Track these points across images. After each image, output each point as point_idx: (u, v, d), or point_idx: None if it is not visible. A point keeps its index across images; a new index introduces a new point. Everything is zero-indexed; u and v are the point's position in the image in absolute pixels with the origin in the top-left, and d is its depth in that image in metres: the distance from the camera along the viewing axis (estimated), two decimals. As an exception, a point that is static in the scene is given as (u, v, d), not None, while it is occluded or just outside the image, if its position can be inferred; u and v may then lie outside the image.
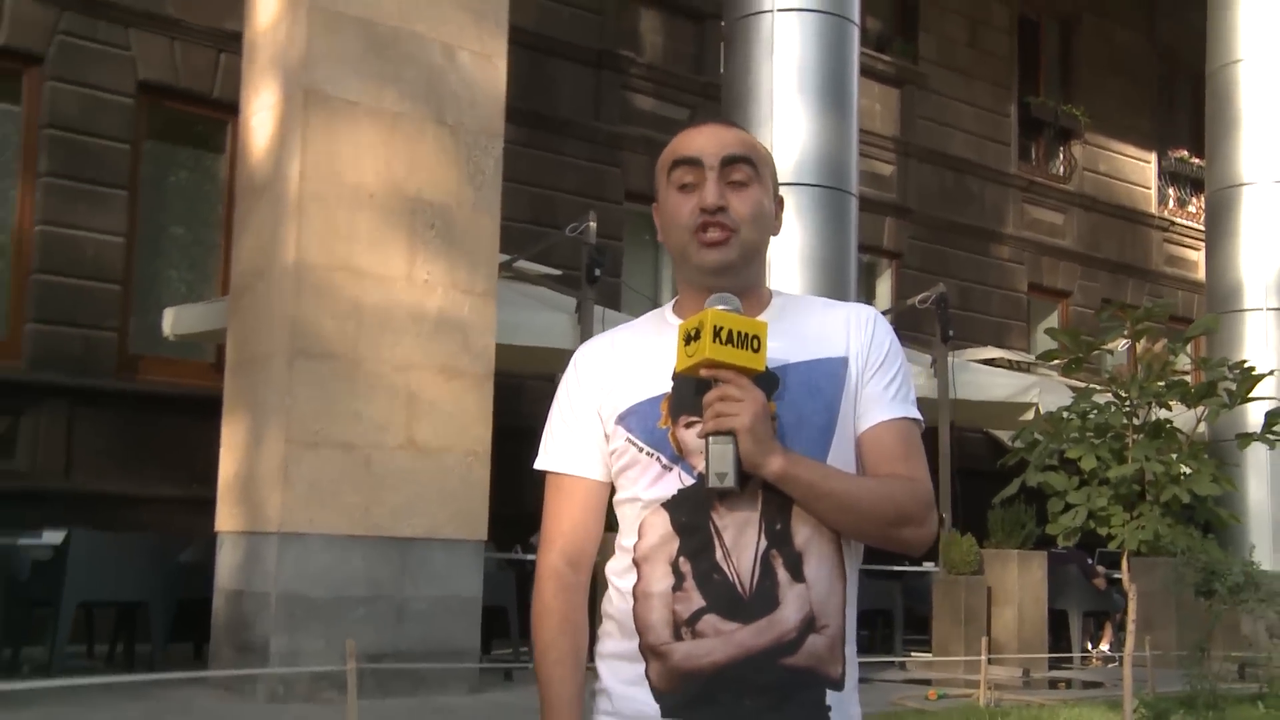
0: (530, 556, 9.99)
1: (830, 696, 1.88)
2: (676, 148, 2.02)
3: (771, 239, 2.06)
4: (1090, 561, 13.13)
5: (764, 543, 1.86)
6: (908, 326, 15.45)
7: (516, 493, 7.95)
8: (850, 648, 1.92)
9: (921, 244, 17.35)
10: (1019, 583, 11.41)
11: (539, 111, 13.51)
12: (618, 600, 1.94)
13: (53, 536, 9.11)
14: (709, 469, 1.82)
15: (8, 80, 11.10)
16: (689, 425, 1.88)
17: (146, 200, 11.74)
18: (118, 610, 9.34)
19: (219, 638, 8.09)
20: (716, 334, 1.80)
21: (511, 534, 10.24)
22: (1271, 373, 5.97)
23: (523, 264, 11.04)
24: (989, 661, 9.06)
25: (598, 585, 2.02)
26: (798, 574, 1.86)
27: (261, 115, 8.38)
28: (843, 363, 1.95)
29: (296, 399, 7.74)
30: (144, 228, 11.67)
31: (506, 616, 9.59)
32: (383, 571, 7.92)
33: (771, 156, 2.08)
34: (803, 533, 1.87)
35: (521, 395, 10.65)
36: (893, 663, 11.17)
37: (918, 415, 1.99)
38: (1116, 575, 13.15)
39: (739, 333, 1.81)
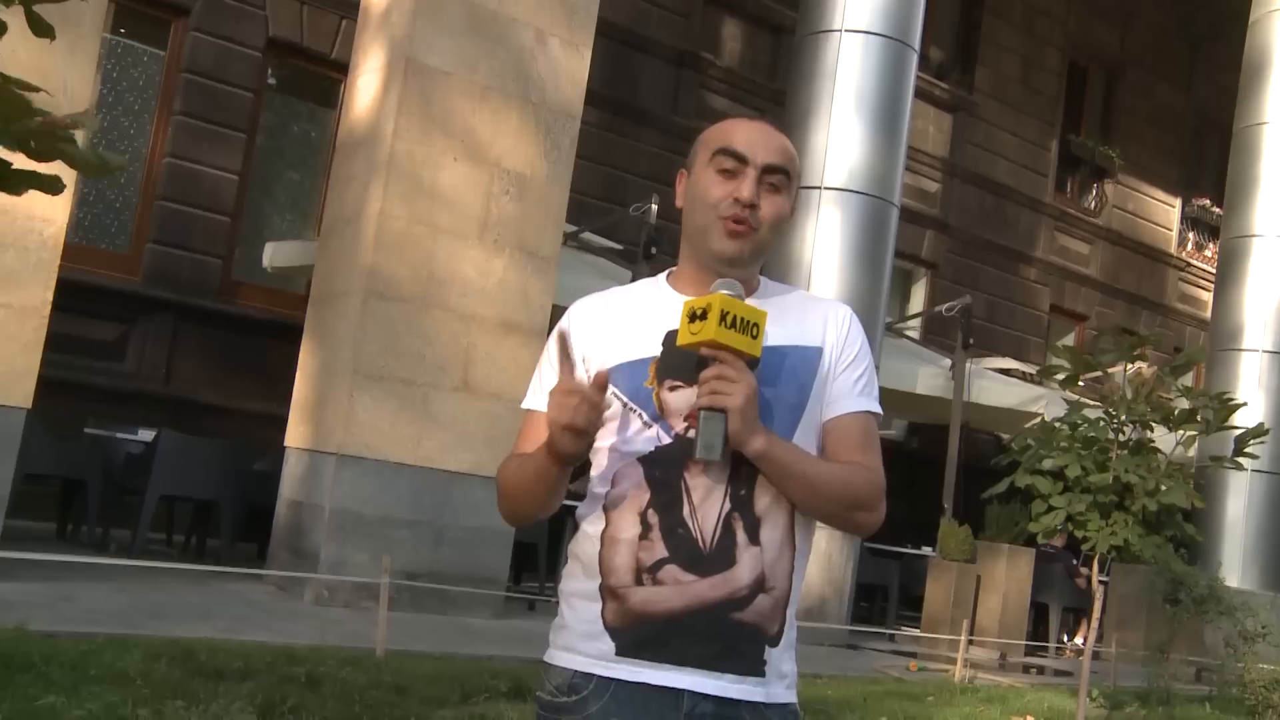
0: (564, 501, 9.92)
1: (768, 652, 1.85)
2: (728, 136, 1.94)
3: (809, 232, 1.99)
4: (1075, 562, 12.90)
5: (728, 505, 1.83)
6: (934, 331, 15.28)
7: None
8: (791, 610, 1.89)
9: (956, 257, 17.11)
10: (1007, 574, 11.23)
11: (622, 99, 13.40)
12: (585, 543, 1.89)
13: (146, 434, 9.31)
14: (699, 440, 1.78)
15: (157, 28, 11.19)
16: (673, 389, 1.85)
17: (263, 144, 11.80)
18: (195, 506, 9.43)
19: (277, 541, 8.10)
20: (723, 318, 1.77)
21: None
22: (1245, 404, 5.78)
23: (588, 235, 10.95)
24: (970, 642, 8.94)
25: (565, 527, 1.93)
26: (754, 537, 1.83)
27: (367, 78, 8.31)
28: (818, 353, 1.93)
29: (366, 335, 7.70)
30: (257, 168, 11.71)
31: (536, 553, 9.52)
32: (427, 499, 7.87)
33: (799, 168, 2.02)
34: (763, 501, 1.85)
35: (572, 354, 10.60)
36: (883, 634, 11.02)
37: (879, 410, 1.98)
38: (1103, 578, 13.07)
39: (742, 319, 1.78)
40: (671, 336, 1.86)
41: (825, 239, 9.82)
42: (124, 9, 10.66)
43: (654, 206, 10.31)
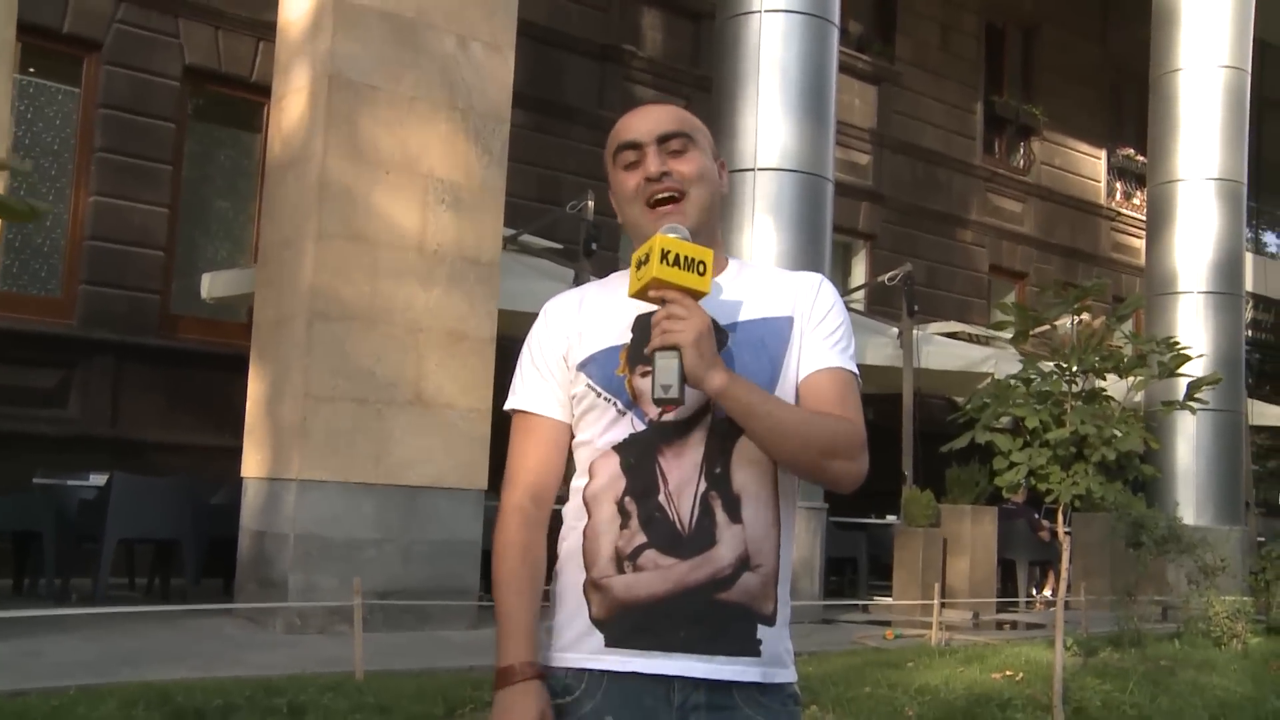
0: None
1: (761, 631, 1.82)
2: (617, 134, 1.98)
3: (749, 214, 1.98)
4: (1037, 516, 13.07)
5: (704, 484, 1.81)
6: (878, 301, 15.39)
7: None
8: (783, 588, 1.86)
9: (893, 227, 17.23)
10: (971, 535, 11.36)
11: (547, 99, 13.37)
12: (570, 537, 1.88)
13: (98, 478, 9.13)
14: (655, 381, 1.75)
15: (70, 65, 11.00)
16: (645, 374, 1.81)
17: (189, 175, 11.64)
18: (155, 547, 9.29)
19: (243, 574, 8.01)
20: (664, 256, 1.75)
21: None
22: (1200, 355, 5.87)
23: (527, 238, 10.92)
24: (942, 605, 9.02)
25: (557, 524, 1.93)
26: (735, 515, 1.81)
27: (291, 98, 8.23)
28: (788, 322, 1.90)
29: (314, 357, 7.63)
30: (186, 200, 11.56)
31: (505, 558, 9.49)
32: (391, 516, 7.82)
33: (705, 127, 2.01)
34: (740, 477, 1.82)
35: (517, 358, 10.57)
36: (856, 605, 11.11)
37: (855, 369, 1.93)
38: (1066, 530, 13.24)
39: (685, 256, 1.76)
40: (641, 321, 1.85)
41: (762, 220, 9.86)
42: (32, 47, 10.46)
43: (590, 203, 10.29)
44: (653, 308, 1.80)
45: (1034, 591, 13.40)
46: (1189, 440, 13.58)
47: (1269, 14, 15.98)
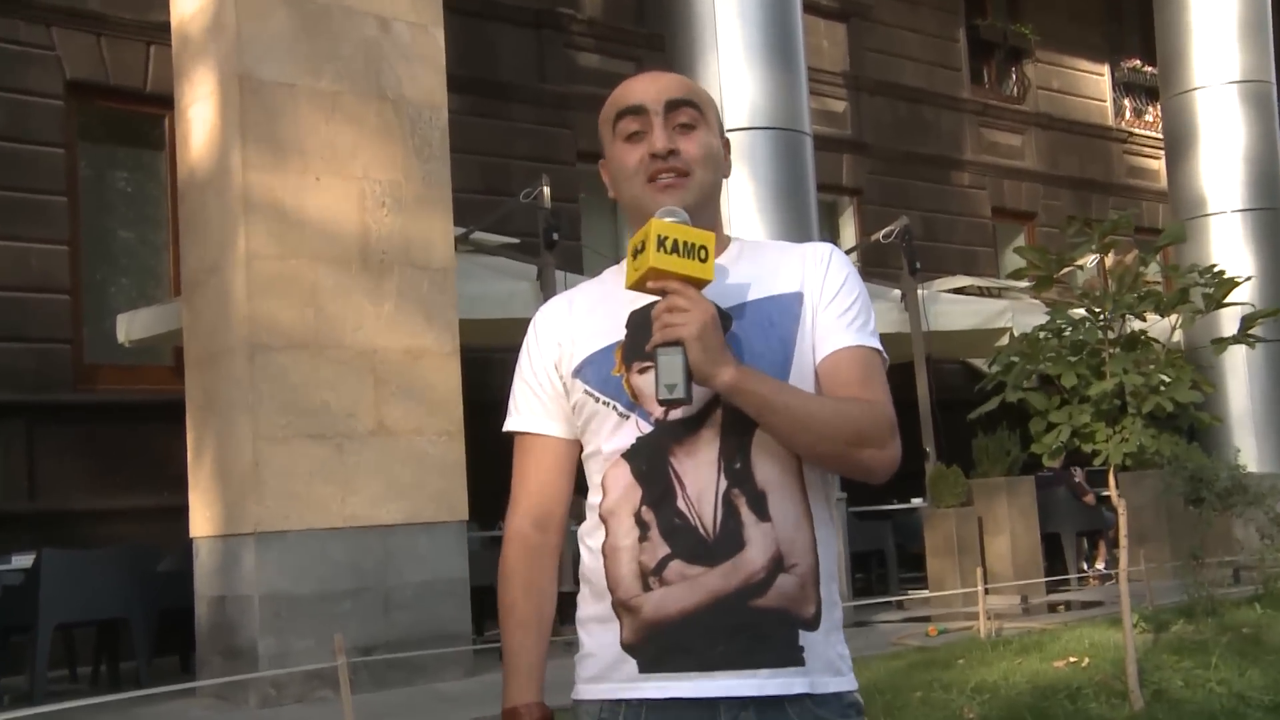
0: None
1: (804, 637, 1.83)
2: (618, 98, 2.01)
3: (724, 182, 2.04)
4: (1077, 480, 13.19)
5: (724, 483, 1.83)
6: (874, 262, 15.45)
7: (494, 469, 7.84)
8: (826, 587, 1.88)
9: (881, 178, 17.31)
10: (1009, 510, 11.42)
11: (482, 78, 13.38)
12: (589, 560, 1.91)
13: (22, 560, 8.94)
14: (658, 380, 1.77)
15: (-71, 94, 10.89)
16: (643, 370, 1.85)
17: (87, 205, 11.57)
18: (98, 628, 9.19)
19: (205, 646, 8.03)
20: (661, 243, 1.77)
21: (493, 511, 10.12)
22: (1249, 279, 5.96)
23: (480, 235, 10.93)
24: (986, 592, 9.09)
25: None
26: (762, 513, 1.83)
27: (198, 107, 8.25)
28: (797, 298, 1.93)
29: (261, 394, 7.66)
30: (87, 233, 11.50)
31: (495, 596, 9.51)
32: (366, 562, 7.87)
33: (714, 99, 2.07)
34: (763, 470, 1.85)
35: (490, 369, 10.54)
36: (890, 603, 11.19)
37: (878, 346, 1.96)
38: (1105, 492, 13.32)
39: (685, 242, 1.78)
40: (635, 317, 1.90)
41: (739, 185, 9.88)
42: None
43: (545, 189, 10.28)
44: (650, 299, 1.83)
45: (1084, 566, 13.53)
46: (1240, 379, 13.59)
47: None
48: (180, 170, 8.69)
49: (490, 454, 7.66)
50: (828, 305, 1.93)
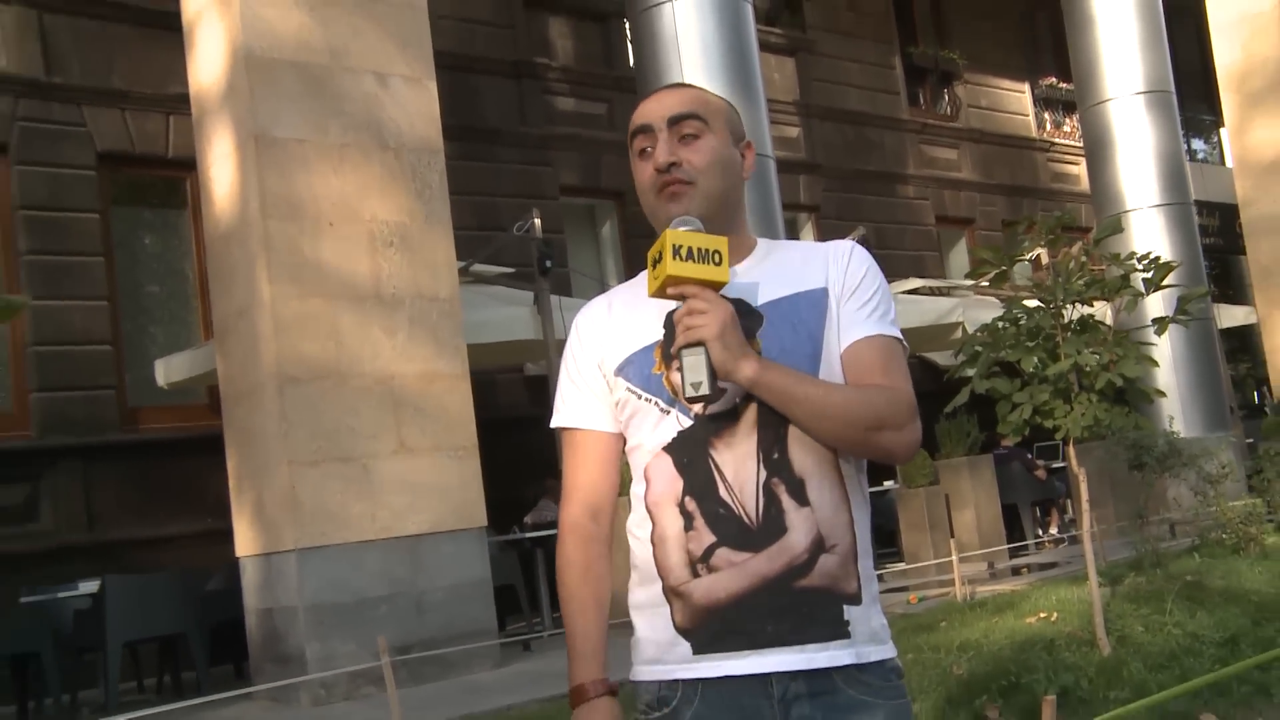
0: (529, 535, 9.87)
1: (848, 611, 1.78)
2: (633, 119, 1.95)
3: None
4: (1030, 456, 13.17)
5: (764, 473, 1.78)
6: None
7: (506, 479, 7.83)
8: (864, 563, 1.83)
9: (834, 194, 17.30)
10: (972, 486, 11.42)
11: (470, 125, 13.29)
12: (638, 549, 1.86)
13: (88, 586, 8.94)
14: (684, 380, 1.73)
15: (-23, 172, 10.81)
16: (678, 370, 1.79)
17: (121, 263, 11.47)
18: (159, 644, 9.17)
19: (257, 654, 7.91)
20: (676, 252, 1.72)
21: (507, 517, 10.10)
22: (1180, 264, 5.94)
23: (478, 267, 10.84)
24: (959, 560, 9.03)
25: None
26: (801, 498, 1.77)
27: (218, 166, 8.15)
28: (823, 293, 1.86)
29: (291, 423, 7.54)
30: (123, 289, 11.40)
31: (516, 593, 9.45)
32: (397, 570, 7.75)
33: (726, 108, 1.98)
34: (800, 458, 1.79)
35: (494, 389, 10.49)
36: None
37: (898, 334, 1.89)
38: (1055, 465, 13.32)
39: (699, 249, 1.73)
40: (671, 317, 1.83)
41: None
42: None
43: (536, 221, 10.26)
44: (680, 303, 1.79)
45: (1040, 532, 13.50)
46: (1164, 356, 13.58)
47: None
48: (206, 224, 8.57)
49: (501, 466, 7.64)
50: (850, 297, 1.87)
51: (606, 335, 1.93)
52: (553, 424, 1.98)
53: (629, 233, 14.30)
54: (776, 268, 1.90)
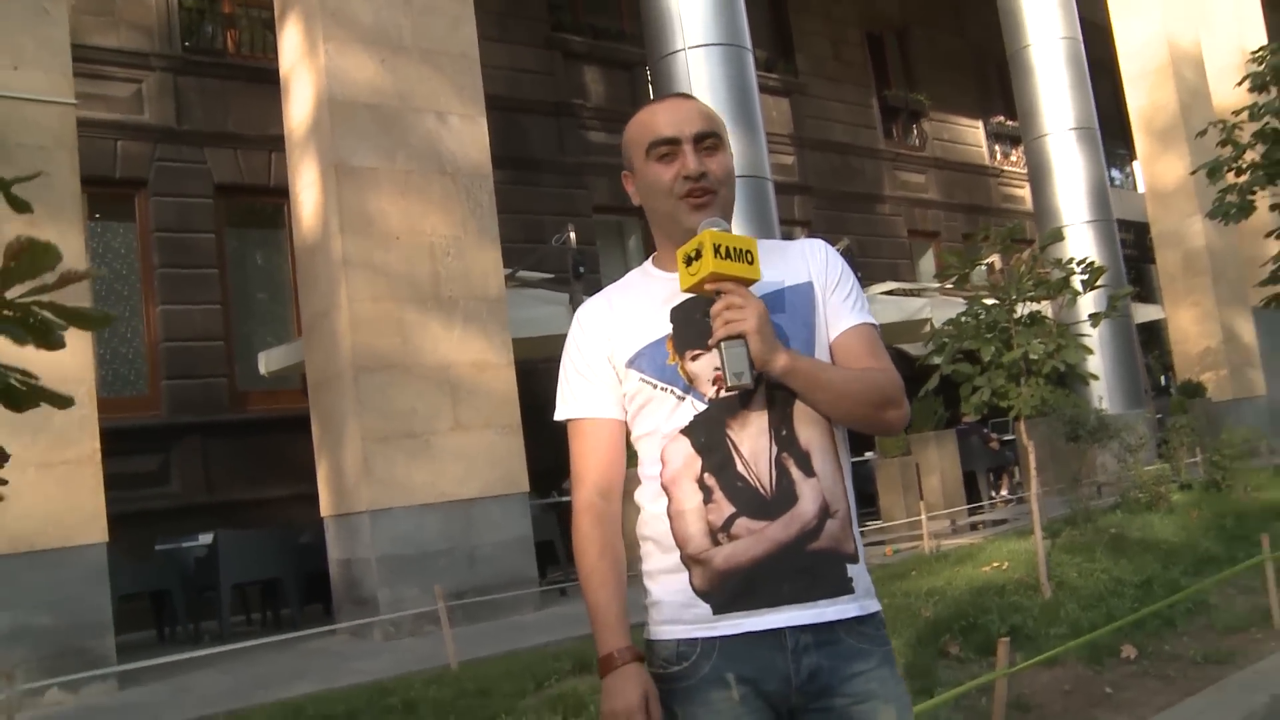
0: (565, 499, 9.65)
1: (851, 570, 1.65)
2: (653, 128, 1.73)
3: None
4: (986, 430, 12.85)
5: (775, 449, 1.63)
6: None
7: (543, 453, 7.59)
8: (855, 527, 1.69)
9: (823, 212, 16.99)
10: (938, 455, 11.13)
11: (518, 155, 13.09)
12: (652, 522, 1.67)
13: (206, 538, 9.00)
14: (725, 370, 1.56)
15: (124, 203, 10.78)
16: (695, 358, 1.65)
17: (233, 274, 11.38)
18: (261, 586, 9.09)
19: (339, 597, 7.74)
20: (716, 250, 1.55)
21: (546, 484, 9.89)
22: (1106, 269, 5.71)
23: (523, 273, 10.66)
24: (928, 519, 8.78)
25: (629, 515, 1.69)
26: (808, 470, 1.64)
27: (305, 191, 7.96)
28: (810, 286, 1.73)
29: (364, 406, 7.35)
30: (234, 295, 11.31)
31: (554, 547, 9.25)
32: (454, 528, 7.55)
33: (723, 122, 1.79)
34: (805, 434, 1.64)
35: (534, 377, 10.23)
36: (851, 530, 10.83)
37: (874, 320, 1.76)
38: (1006, 438, 13.01)
39: (734, 248, 1.57)
40: (677, 312, 1.67)
41: (719, 223, 9.59)
42: (94, 195, 10.11)
43: (572, 234, 10.03)
44: (685, 297, 1.63)
45: (993, 494, 13.19)
46: (1094, 345, 13.37)
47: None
48: (295, 240, 8.39)
49: (541, 441, 7.41)
50: (833, 292, 1.74)
51: (613, 330, 1.72)
52: (562, 416, 1.76)
53: (652, 245, 13.85)
54: (767, 263, 1.70)
